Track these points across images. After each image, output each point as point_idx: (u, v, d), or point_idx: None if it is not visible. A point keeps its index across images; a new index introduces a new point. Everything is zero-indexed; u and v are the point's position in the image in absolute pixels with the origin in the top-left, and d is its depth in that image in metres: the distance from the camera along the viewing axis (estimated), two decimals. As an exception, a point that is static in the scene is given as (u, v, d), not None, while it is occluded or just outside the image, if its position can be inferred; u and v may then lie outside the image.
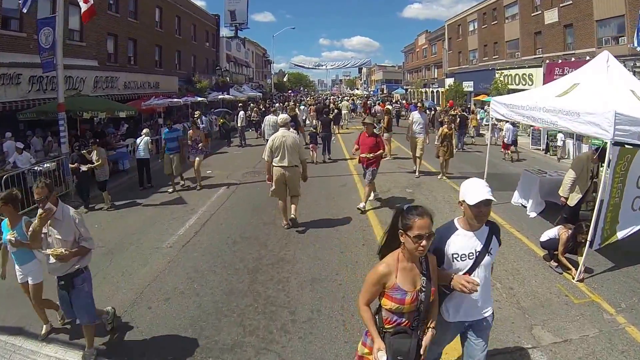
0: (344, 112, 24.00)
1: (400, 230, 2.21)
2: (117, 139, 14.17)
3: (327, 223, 6.85)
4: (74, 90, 13.82)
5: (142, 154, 9.42)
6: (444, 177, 10.02)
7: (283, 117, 6.71)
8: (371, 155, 7.17)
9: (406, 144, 16.32)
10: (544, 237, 5.29)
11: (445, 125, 10.18)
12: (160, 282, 4.84)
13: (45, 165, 8.53)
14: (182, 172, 9.47)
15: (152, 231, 6.65)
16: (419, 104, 11.22)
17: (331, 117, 15.65)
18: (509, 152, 13.80)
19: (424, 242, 2.12)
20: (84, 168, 7.77)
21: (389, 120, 13.30)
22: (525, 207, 7.51)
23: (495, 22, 28.74)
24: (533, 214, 7.20)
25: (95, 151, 7.89)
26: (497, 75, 24.87)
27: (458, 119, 15.40)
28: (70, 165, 8.04)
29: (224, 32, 39.48)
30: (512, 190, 8.31)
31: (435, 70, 43.45)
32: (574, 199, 5.97)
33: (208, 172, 11.02)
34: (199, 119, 14.73)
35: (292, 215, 6.48)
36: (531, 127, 17.15)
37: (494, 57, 29.35)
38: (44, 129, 11.80)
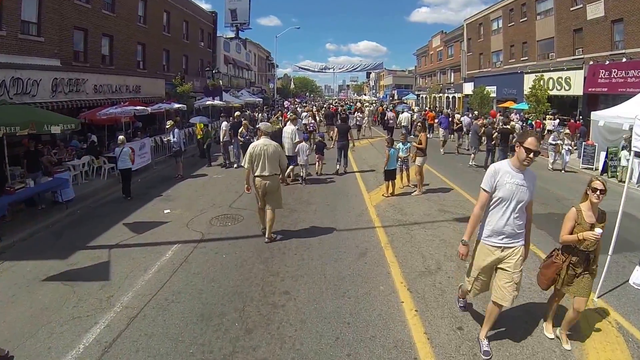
0: (367, 118, 23.38)
1: None
2: (72, 156, 11.36)
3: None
4: (25, 95, 11.22)
5: (121, 164, 9.13)
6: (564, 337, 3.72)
7: (265, 125, 6.58)
8: None
9: (436, 163, 12.90)
10: None
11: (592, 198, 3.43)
12: None
13: None
14: None
15: (26, 352, 3.53)
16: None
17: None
18: None
19: None
20: None
21: (425, 138, 9.25)
22: None
23: (525, 19, 25.68)
24: None
25: None
26: (534, 78, 21.50)
27: (496, 133, 12.33)
28: None
29: (226, 33, 37.00)
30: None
31: (452, 74, 40.36)
32: None
33: (166, 211, 7.91)
34: (171, 132, 11.64)
35: (266, 239, 6.10)
36: (583, 142, 14.17)
37: (522, 58, 26.33)
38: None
